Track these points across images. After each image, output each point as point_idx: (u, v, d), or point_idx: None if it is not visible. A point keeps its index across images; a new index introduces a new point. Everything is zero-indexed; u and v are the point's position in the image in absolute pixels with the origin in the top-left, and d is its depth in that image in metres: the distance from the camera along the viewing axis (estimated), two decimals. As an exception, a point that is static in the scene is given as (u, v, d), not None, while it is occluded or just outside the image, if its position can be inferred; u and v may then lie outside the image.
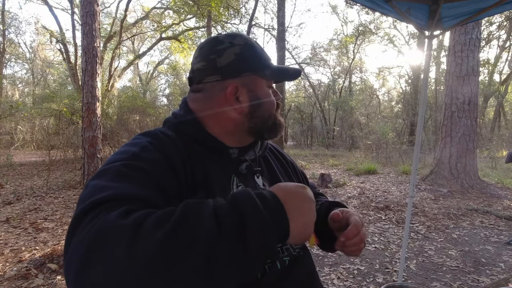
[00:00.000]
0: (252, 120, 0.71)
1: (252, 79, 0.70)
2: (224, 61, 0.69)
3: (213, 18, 14.84)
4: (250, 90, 0.70)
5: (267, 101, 0.72)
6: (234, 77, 0.69)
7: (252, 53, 0.71)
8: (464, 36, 6.36)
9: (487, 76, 18.20)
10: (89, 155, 6.08)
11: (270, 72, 0.72)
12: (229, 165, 0.69)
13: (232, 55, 0.69)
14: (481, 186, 6.17)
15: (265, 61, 0.72)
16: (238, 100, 0.70)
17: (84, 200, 0.50)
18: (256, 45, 0.73)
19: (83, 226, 0.44)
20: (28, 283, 2.36)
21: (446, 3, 1.87)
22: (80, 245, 0.41)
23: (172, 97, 23.49)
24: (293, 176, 0.87)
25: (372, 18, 20.55)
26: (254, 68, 0.70)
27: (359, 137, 16.57)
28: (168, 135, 0.66)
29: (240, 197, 0.46)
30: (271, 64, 0.74)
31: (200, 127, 0.70)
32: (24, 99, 20.14)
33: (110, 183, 0.51)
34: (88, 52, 6.02)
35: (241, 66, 0.69)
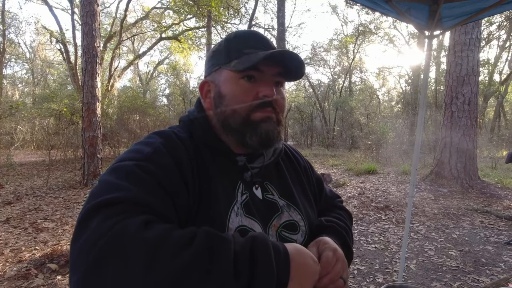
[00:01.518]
0: (217, 116, 0.67)
1: (219, 73, 0.67)
2: (206, 60, 0.72)
3: (213, 18, 14.84)
4: (217, 85, 0.67)
5: (231, 95, 0.64)
6: (208, 74, 0.71)
7: (225, 46, 0.68)
8: (464, 36, 6.36)
9: (487, 76, 18.19)
10: (89, 155, 6.08)
11: (237, 63, 0.64)
12: (235, 172, 0.68)
13: (210, 53, 0.71)
14: (481, 186, 6.17)
15: (236, 53, 0.65)
16: (209, 95, 0.70)
17: (96, 195, 0.50)
18: (238, 37, 0.68)
19: (97, 223, 0.45)
20: (28, 283, 2.36)
21: (446, 3, 1.87)
22: (94, 244, 0.43)
23: (172, 97, 23.48)
24: (305, 183, 0.81)
25: (372, 18, 20.56)
26: (221, 61, 0.67)
27: (359, 137, 16.55)
28: (181, 137, 0.65)
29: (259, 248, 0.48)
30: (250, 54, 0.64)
31: (208, 127, 0.69)
32: (24, 99, 20.16)
33: (123, 182, 0.52)
34: (88, 52, 6.03)
35: (212, 62, 0.69)
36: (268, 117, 0.64)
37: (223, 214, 0.60)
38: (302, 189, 0.79)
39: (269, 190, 0.72)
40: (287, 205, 0.72)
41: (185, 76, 27.45)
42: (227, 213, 0.61)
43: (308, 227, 0.72)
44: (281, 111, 0.67)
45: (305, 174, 0.83)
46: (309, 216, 0.75)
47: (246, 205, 0.65)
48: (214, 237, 0.47)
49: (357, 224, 4.12)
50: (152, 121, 11.75)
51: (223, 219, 0.60)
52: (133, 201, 0.49)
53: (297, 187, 0.78)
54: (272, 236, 0.66)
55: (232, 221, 0.60)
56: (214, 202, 0.60)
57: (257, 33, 0.70)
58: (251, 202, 0.66)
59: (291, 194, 0.74)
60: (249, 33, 0.69)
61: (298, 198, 0.75)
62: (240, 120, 0.64)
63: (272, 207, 0.70)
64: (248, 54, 0.64)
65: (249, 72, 0.63)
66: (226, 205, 0.62)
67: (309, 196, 0.80)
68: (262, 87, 0.64)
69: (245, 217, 0.63)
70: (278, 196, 0.72)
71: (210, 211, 0.59)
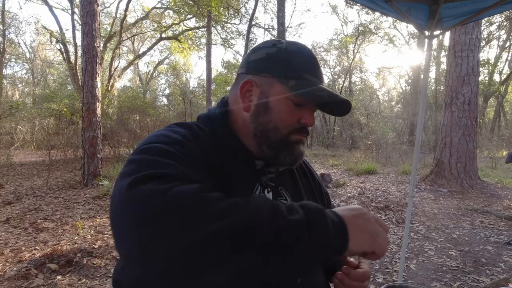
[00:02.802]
0: (254, 123, 0.66)
1: (270, 81, 0.65)
2: (255, 56, 0.68)
3: (213, 18, 14.85)
4: (263, 92, 0.66)
5: (277, 111, 0.65)
6: (254, 73, 0.67)
7: (286, 58, 0.65)
8: (464, 36, 6.36)
9: (487, 76, 18.18)
10: (89, 155, 6.08)
11: (294, 84, 0.63)
12: (253, 174, 0.68)
13: (264, 53, 0.67)
14: (481, 186, 6.17)
15: (296, 72, 0.65)
16: (249, 96, 0.67)
17: (130, 173, 0.50)
18: (300, 55, 0.67)
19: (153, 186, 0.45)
20: (28, 283, 2.36)
21: (446, 3, 1.87)
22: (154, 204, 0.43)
23: (172, 97, 23.47)
24: (317, 195, 0.83)
25: (372, 18, 20.57)
26: (276, 72, 0.65)
27: (359, 137, 16.56)
28: (203, 129, 0.66)
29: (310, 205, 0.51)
30: (310, 81, 0.65)
31: (227, 126, 0.69)
32: (24, 99, 20.15)
33: (163, 159, 0.52)
34: (88, 52, 6.02)
35: (264, 65, 0.66)
36: (301, 141, 0.69)
37: None
38: (314, 200, 0.80)
39: (284, 195, 0.72)
40: None
41: (185, 76, 27.48)
42: None
43: None
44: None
45: (318, 188, 0.85)
46: None
47: None
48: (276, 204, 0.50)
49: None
50: (152, 121, 11.75)
51: None
52: (184, 177, 0.50)
53: (308, 196, 0.79)
54: None
55: None
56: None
57: (315, 57, 0.70)
58: None
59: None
60: (309, 56, 0.68)
61: None
62: (280, 137, 0.65)
63: None
64: (308, 81, 0.65)
65: (298, 98, 0.65)
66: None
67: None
68: (305, 114, 0.66)
69: None
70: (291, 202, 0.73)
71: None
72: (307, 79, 0.65)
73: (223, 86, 24.42)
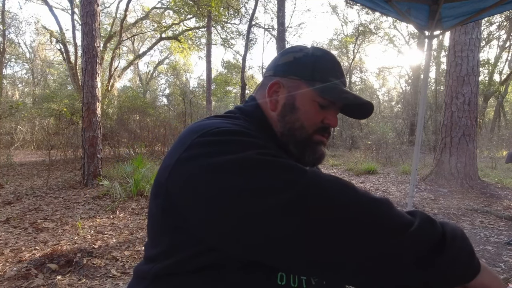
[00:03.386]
0: (282, 122, 0.69)
1: (297, 84, 0.69)
2: (283, 60, 0.72)
3: (213, 18, 14.85)
4: (290, 93, 0.69)
5: (304, 111, 0.68)
6: (281, 75, 0.71)
7: (312, 62, 0.69)
8: (464, 36, 6.36)
9: (487, 76, 18.17)
10: (89, 155, 6.08)
11: (320, 87, 0.67)
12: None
13: (291, 57, 0.71)
14: (481, 186, 6.17)
15: (322, 76, 0.68)
16: (276, 96, 0.70)
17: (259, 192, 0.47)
18: (325, 60, 0.70)
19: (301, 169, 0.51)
20: (28, 283, 2.36)
21: (446, 3, 1.87)
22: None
23: (172, 97, 23.46)
24: None
25: (372, 18, 20.58)
26: (303, 75, 0.68)
27: (359, 137, 16.57)
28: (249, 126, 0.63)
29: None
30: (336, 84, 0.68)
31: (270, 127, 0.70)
32: (24, 99, 20.15)
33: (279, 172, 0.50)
34: (88, 52, 6.02)
35: (292, 68, 0.70)
36: (323, 142, 0.71)
37: None
38: None
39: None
40: None
41: (185, 76, 27.49)
42: None
43: None
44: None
45: None
46: None
47: None
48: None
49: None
50: (152, 121, 11.74)
51: None
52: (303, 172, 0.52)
53: None
54: None
55: None
56: None
57: (338, 62, 0.73)
58: None
59: None
60: (334, 60, 0.72)
61: None
62: (304, 136, 0.68)
63: None
64: (332, 83, 0.68)
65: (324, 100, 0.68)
66: None
67: None
68: (329, 115, 0.69)
69: None
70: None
71: None
72: (332, 82, 0.69)
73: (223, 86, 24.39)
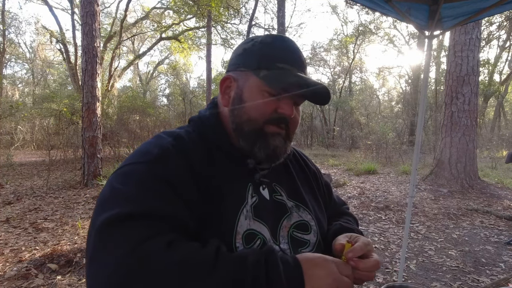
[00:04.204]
0: (231, 117, 0.66)
1: (245, 75, 0.65)
2: (234, 54, 0.70)
3: (213, 18, 14.84)
4: (239, 86, 0.66)
5: (251, 102, 0.64)
6: (232, 69, 0.69)
7: (259, 50, 0.65)
8: (464, 36, 6.36)
9: (487, 76, 18.18)
10: (89, 155, 6.07)
11: (265, 75, 0.62)
12: (245, 174, 0.67)
13: (241, 49, 0.69)
14: (481, 186, 6.17)
15: (268, 63, 0.64)
16: (228, 92, 0.68)
17: (107, 206, 0.51)
18: (274, 46, 0.66)
19: (115, 245, 0.46)
20: (28, 283, 2.36)
21: (446, 3, 1.87)
22: (116, 273, 0.44)
23: (172, 97, 23.48)
24: (314, 187, 0.81)
25: (372, 18, 20.58)
26: (250, 65, 0.65)
27: (359, 137, 16.56)
28: (191, 137, 0.65)
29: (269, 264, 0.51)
30: (284, 69, 0.63)
31: (219, 128, 0.68)
32: (24, 99, 20.15)
33: (134, 190, 0.52)
34: (88, 52, 6.02)
35: (241, 60, 0.67)
36: (279, 133, 0.65)
37: (232, 218, 0.60)
38: (311, 191, 0.80)
39: (278, 191, 0.71)
40: (296, 205, 0.72)
41: (185, 76, 27.48)
42: (236, 216, 0.61)
43: (318, 227, 0.72)
44: (293, 128, 0.68)
45: (314, 178, 0.84)
46: (319, 217, 0.75)
47: (256, 207, 0.64)
48: (232, 260, 0.49)
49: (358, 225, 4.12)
50: (152, 121, 11.75)
51: (232, 223, 0.60)
52: (149, 215, 0.50)
53: (305, 188, 0.78)
54: (283, 237, 0.66)
55: (240, 225, 0.60)
56: (224, 206, 0.60)
57: (293, 46, 0.67)
58: (260, 204, 0.65)
59: (300, 194, 0.74)
60: (282, 43, 0.66)
61: (307, 198, 0.75)
62: (253, 128, 0.64)
63: (281, 208, 0.69)
64: (280, 70, 0.63)
65: (274, 89, 0.63)
66: (236, 208, 0.61)
67: (319, 199, 0.80)
68: (283, 104, 0.64)
69: (253, 220, 0.63)
70: (286, 197, 0.71)
71: (219, 215, 0.59)
72: (280, 68, 0.63)
73: (223, 86, 24.26)
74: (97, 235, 0.48)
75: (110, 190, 0.54)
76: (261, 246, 0.61)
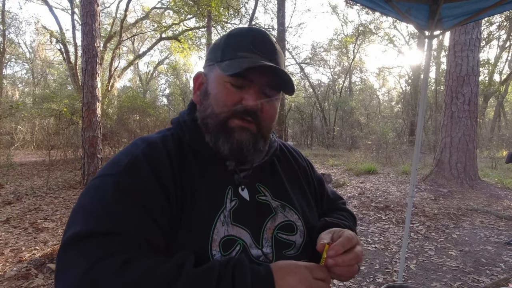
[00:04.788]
0: (199, 113, 0.65)
1: (211, 69, 0.65)
2: (208, 50, 0.70)
3: (213, 18, 14.83)
4: (207, 80, 0.66)
5: (214, 95, 0.62)
6: (204, 66, 0.69)
7: (224, 42, 0.64)
8: (464, 36, 6.36)
9: (487, 76, 18.18)
10: (89, 155, 6.07)
11: (226, 64, 0.60)
12: (225, 177, 0.65)
13: (212, 45, 0.68)
14: (481, 186, 6.17)
15: (231, 53, 0.61)
16: (201, 88, 0.68)
17: (74, 221, 0.53)
18: (237, 36, 0.64)
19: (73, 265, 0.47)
20: (28, 283, 2.36)
21: (446, 3, 1.87)
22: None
23: (172, 97, 23.48)
24: (304, 185, 0.77)
25: (372, 18, 20.56)
26: (215, 57, 0.64)
27: (359, 137, 16.57)
28: (166, 143, 0.64)
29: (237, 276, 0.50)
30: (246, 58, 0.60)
31: (195, 131, 0.66)
32: (24, 99, 20.14)
33: (99, 207, 0.53)
34: (88, 52, 6.02)
35: (209, 54, 0.67)
36: (244, 127, 0.61)
37: (207, 225, 0.58)
38: (300, 189, 0.76)
39: (261, 191, 0.68)
40: (282, 205, 0.68)
41: (185, 76, 27.45)
42: (211, 223, 0.59)
43: (305, 227, 0.69)
44: (266, 123, 0.63)
45: (304, 174, 0.80)
46: (307, 216, 0.72)
47: (235, 211, 0.62)
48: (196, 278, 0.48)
49: (357, 224, 4.12)
50: (152, 121, 11.74)
51: (207, 231, 0.58)
52: (107, 232, 0.50)
53: (293, 187, 0.74)
54: (267, 240, 0.64)
55: (217, 232, 0.58)
56: (197, 213, 0.58)
57: (257, 33, 0.64)
58: (241, 207, 0.63)
59: (286, 193, 0.71)
60: (248, 33, 0.64)
61: (294, 197, 0.72)
62: (217, 122, 0.61)
63: (264, 209, 0.66)
64: (240, 58, 0.60)
65: (235, 79, 0.60)
66: (211, 215, 0.59)
67: (308, 197, 0.77)
68: (247, 95, 0.60)
69: (232, 225, 0.60)
70: (271, 197, 0.68)
71: (192, 223, 0.58)
72: (240, 57, 0.60)
73: (223, 86, 24.25)
74: (60, 255, 0.50)
75: (78, 205, 0.55)
76: (240, 252, 0.59)
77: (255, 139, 0.62)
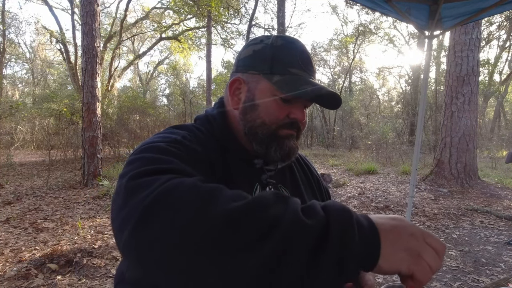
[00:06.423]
0: (243, 121, 0.67)
1: (256, 79, 0.65)
2: (244, 54, 0.69)
3: (213, 18, 14.84)
4: (250, 89, 0.66)
5: (264, 107, 0.64)
6: (242, 71, 0.68)
7: (271, 54, 0.65)
8: (464, 36, 6.36)
9: (487, 76, 18.17)
10: (89, 155, 6.08)
11: (279, 80, 0.63)
12: (252, 174, 0.68)
13: (251, 51, 0.68)
14: (481, 186, 6.17)
15: (281, 68, 0.64)
16: (238, 94, 0.68)
17: (140, 166, 0.49)
18: (286, 50, 0.65)
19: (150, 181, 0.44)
20: (28, 283, 2.36)
21: (446, 3, 1.87)
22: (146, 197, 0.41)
23: (172, 97, 23.45)
24: (316, 191, 0.82)
25: (372, 18, 20.55)
26: (262, 69, 0.65)
27: (359, 137, 16.56)
28: (202, 130, 0.66)
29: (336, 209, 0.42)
30: (297, 75, 0.64)
31: (226, 127, 0.69)
32: (24, 99, 20.14)
33: (164, 156, 0.51)
34: (88, 52, 6.02)
35: (251, 62, 0.67)
36: (292, 135, 0.67)
37: None
38: (314, 196, 0.81)
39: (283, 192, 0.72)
40: None
41: (185, 76, 27.48)
42: None
43: None
44: (302, 130, 0.70)
45: (316, 183, 0.85)
46: None
47: None
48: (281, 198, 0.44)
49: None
50: (152, 121, 11.75)
51: None
52: (183, 172, 0.49)
53: (307, 192, 0.79)
54: None
55: None
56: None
57: (303, 50, 0.67)
58: None
59: (302, 198, 0.74)
60: (297, 49, 0.66)
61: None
62: (268, 133, 0.65)
63: None
64: (293, 75, 0.64)
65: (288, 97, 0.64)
66: None
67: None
68: (294, 109, 0.65)
69: None
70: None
71: None
72: (293, 74, 0.64)
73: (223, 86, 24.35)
74: (126, 189, 0.45)
75: (129, 163, 0.52)
76: None
77: (296, 144, 0.70)
